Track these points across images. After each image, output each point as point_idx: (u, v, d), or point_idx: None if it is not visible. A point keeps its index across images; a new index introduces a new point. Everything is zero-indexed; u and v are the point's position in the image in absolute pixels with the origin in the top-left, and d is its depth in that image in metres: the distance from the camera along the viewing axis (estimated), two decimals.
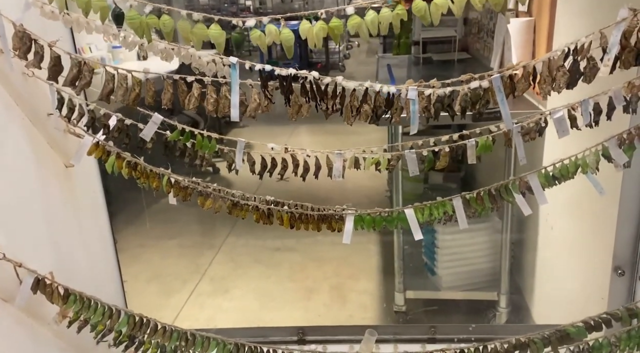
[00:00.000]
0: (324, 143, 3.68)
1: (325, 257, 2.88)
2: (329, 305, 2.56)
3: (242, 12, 4.86)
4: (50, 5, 0.92)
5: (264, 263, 2.91)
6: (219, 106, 1.04)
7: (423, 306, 2.43)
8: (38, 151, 1.18)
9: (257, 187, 2.00)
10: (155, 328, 1.06)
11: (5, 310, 1.04)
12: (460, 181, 3.05)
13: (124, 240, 2.65)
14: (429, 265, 2.44)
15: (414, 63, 3.24)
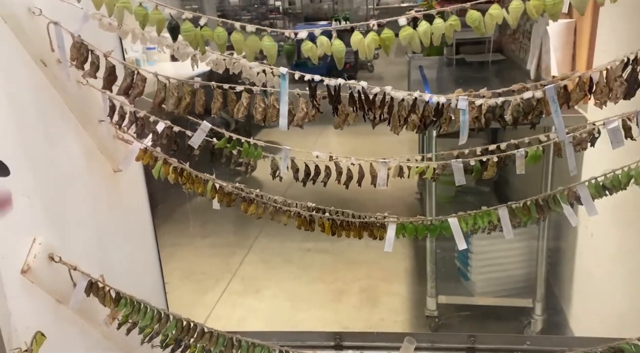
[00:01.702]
0: (352, 144, 3.67)
1: (356, 259, 2.88)
2: (360, 308, 2.56)
3: (270, 13, 4.89)
4: (109, 18, 0.95)
5: (294, 264, 2.93)
6: (267, 115, 1.05)
7: (455, 311, 2.40)
8: (89, 156, 1.22)
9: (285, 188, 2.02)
10: (202, 333, 1.08)
11: (59, 311, 1.08)
12: (493, 184, 3.00)
13: (158, 238, 2.72)
14: (462, 270, 2.41)
15: (446, 64, 3.20)
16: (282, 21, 4.89)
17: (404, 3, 5.39)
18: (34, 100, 1.05)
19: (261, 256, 3.02)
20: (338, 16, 4.57)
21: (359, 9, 4.98)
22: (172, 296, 1.72)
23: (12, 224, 0.95)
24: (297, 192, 1.32)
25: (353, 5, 4.99)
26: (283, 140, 1.37)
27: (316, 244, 3.06)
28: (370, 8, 5.21)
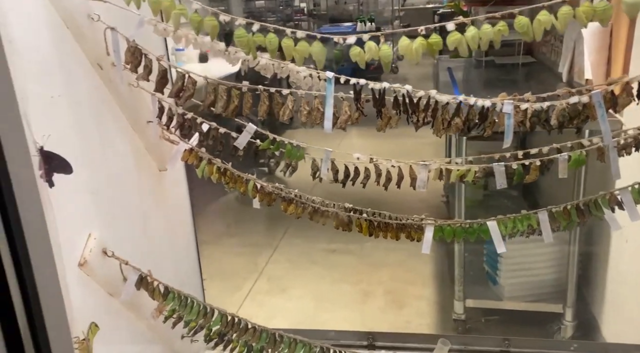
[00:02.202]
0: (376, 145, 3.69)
1: (381, 261, 2.90)
2: (385, 310, 2.58)
3: (295, 14, 4.95)
4: (163, 24, 1.00)
5: (319, 264, 2.97)
6: (311, 118, 1.09)
7: (483, 315, 2.41)
8: (137, 156, 1.27)
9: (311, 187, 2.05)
10: (246, 328, 1.12)
11: (110, 303, 1.13)
12: (522, 188, 2.99)
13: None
14: (491, 274, 2.41)
15: (475, 66, 3.20)
16: (307, 23, 4.95)
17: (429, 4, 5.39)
18: (90, 101, 1.11)
19: (286, 256, 3.07)
20: (363, 17, 4.60)
21: (384, 10, 5.00)
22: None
23: (70, 219, 1.01)
24: (321, 192, 1.34)
25: (378, 6, 5.02)
26: (307, 141, 1.39)
27: (341, 245, 3.09)
28: (396, 9, 5.22)
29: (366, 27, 4.54)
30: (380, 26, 4.82)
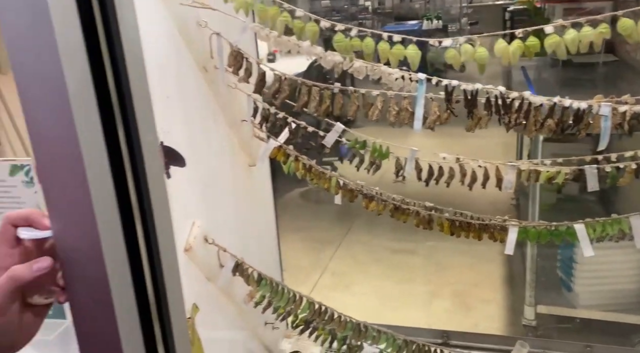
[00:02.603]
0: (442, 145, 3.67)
1: (447, 263, 2.90)
2: (452, 311, 2.58)
3: (360, 13, 4.99)
4: (266, 29, 1.09)
5: (383, 263, 3.00)
6: (400, 118, 1.14)
7: (555, 322, 2.35)
8: (232, 152, 1.38)
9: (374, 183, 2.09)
10: (332, 317, 1.19)
11: (207, 287, 1.24)
12: (599, 193, 2.88)
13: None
14: (565, 280, 2.35)
15: (550, 65, 3.11)
16: (372, 21, 4.98)
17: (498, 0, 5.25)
18: (195, 101, 1.22)
19: (350, 253, 3.13)
20: (430, 15, 4.56)
21: (451, 8, 4.93)
22: None
23: (179, 208, 1.12)
24: (385, 189, 1.38)
25: (445, 3, 4.95)
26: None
27: (405, 245, 3.11)
28: (464, 6, 5.13)
29: (432, 24, 4.50)
30: (447, 24, 4.77)
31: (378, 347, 1.14)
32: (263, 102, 1.28)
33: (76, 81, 0.42)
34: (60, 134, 0.42)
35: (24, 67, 0.42)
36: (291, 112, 1.26)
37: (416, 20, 4.71)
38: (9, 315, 0.50)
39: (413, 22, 4.71)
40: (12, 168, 1.08)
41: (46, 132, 0.43)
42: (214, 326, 1.30)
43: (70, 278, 0.47)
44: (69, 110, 0.41)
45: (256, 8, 1.02)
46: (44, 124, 0.43)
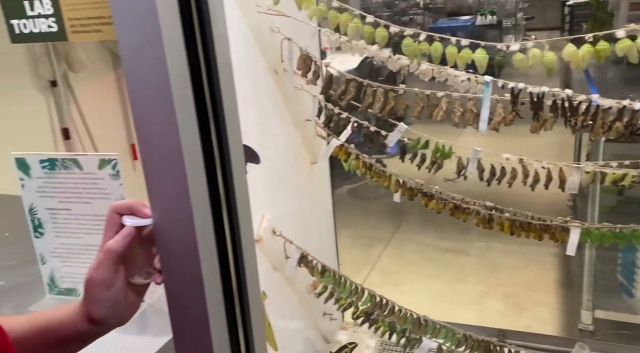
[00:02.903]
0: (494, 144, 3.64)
1: (499, 264, 2.89)
2: (504, 313, 2.57)
3: (411, 8, 4.98)
4: (336, 34, 1.16)
5: (433, 262, 3.03)
6: (464, 119, 1.18)
7: (613, 328, 2.31)
8: (295, 150, 1.46)
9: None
10: (393, 310, 1.25)
11: (273, 277, 1.33)
12: None
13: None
14: (626, 285, 2.30)
15: (614, 62, 3.01)
16: (423, 17, 4.96)
17: None
18: (266, 102, 1.31)
19: (399, 251, 3.17)
20: (484, 10, 4.50)
21: (506, 2, 4.83)
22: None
23: (252, 202, 1.21)
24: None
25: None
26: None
27: (455, 245, 3.12)
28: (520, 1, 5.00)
29: (486, 20, 4.43)
30: (502, 19, 4.67)
31: (437, 340, 1.19)
32: (327, 103, 1.36)
33: (179, 85, 0.45)
34: (164, 133, 0.45)
35: (134, 71, 0.45)
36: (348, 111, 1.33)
37: (469, 15, 4.65)
38: (115, 289, 0.57)
39: (466, 17, 4.66)
40: (101, 162, 1.19)
41: (151, 130, 0.46)
42: (278, 313, 1.39)
43: (166, 261, 0.51)
44: (173, 112, 0.45)
45: (329, 15, 1.09)
46: (150, 123, 0.46)
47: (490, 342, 1.21)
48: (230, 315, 0.54)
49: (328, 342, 1.60)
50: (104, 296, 0.57)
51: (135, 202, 0.57)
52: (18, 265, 1.29)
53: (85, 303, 0.59)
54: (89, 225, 1.19)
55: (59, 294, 1.24)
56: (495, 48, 1.04)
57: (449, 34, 1.05)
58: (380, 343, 1.65)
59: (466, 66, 1.09)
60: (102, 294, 0.57)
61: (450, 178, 1.44)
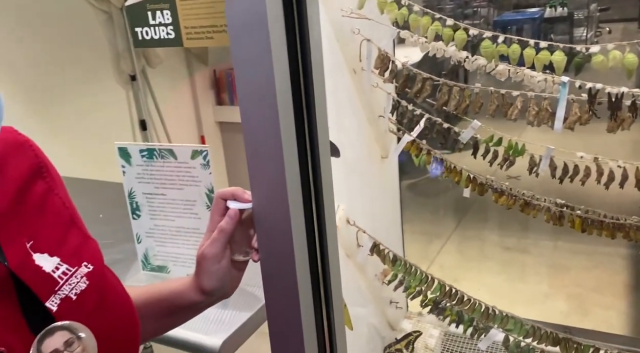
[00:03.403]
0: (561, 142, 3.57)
1: (563, 264, 2.86)
2: (567, 315, 2.56)
3: (475, 1, 4.91)
4: (415, 36, 1.24)
5: (493, 260, 3.04)
6: (539, 117, 1.23)
7: None
8: (368, 144, 1.56)
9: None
10: (462, 299, 1.33)
11: (346, 263, 1.44)
12: None
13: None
14: None
15: None
16: (487, 9, 4.87)
17: None
18: (344, 99, 1.41)
19: (459, 247, 3.20)
20: (554, 2, 4.36)
21: None
22: None
23: None
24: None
25: None
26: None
27: (516, 244, 3.11)
28: None
29: (556, 12, 4.31)
30: (573, 11, 4.52)
31: (505, 329, 1.25)
32: (401, 100, 1.44)
33: (281, 85, 0.49)
34: (267, 128, 0.50)
35: (244, 72, 0.49)
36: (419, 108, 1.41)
37: (537, 7, 4.53)
38: (223, 264, 0.65)
39: (533, 9, 4.54)
40: (193, 152, 1.32)
41: (256, 126, 0.51)
42: (348, 298, 1.50)
43: (263, 241, 0.56)
44: (276, 111, 0.49)
45: (410, 19, 1.17)
46: (255, 119, 0.51)
47: (559, 335, 1.26)
48: (315, 289, 0.59)
49: (393, 329, 1.69)
50: (214, 269, 0.65)
51: (237, 189, 0.64)
52: (115, 243, 1.47)
53: (197, 276, 0.67)
54: (180, 210, 1.32)
55: (152, 271, 1.39)
56: (574, 49, 1.08)
57: (515, 28, 1.10)
58: (444, 334, 1.72)
59: (543, 67, 1.14)
60: (212, 268, 0.65)
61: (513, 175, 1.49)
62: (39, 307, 0.53)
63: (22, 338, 0.51)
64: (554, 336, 1.26)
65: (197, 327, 1.07)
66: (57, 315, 0.54)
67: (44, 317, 0.53)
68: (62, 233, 0.60)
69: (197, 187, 1.31)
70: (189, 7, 0.99)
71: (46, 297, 0.54)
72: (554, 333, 1.26)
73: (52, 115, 2.45)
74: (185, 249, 1.33)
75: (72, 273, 0.57)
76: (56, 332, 0.53)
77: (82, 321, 0.55)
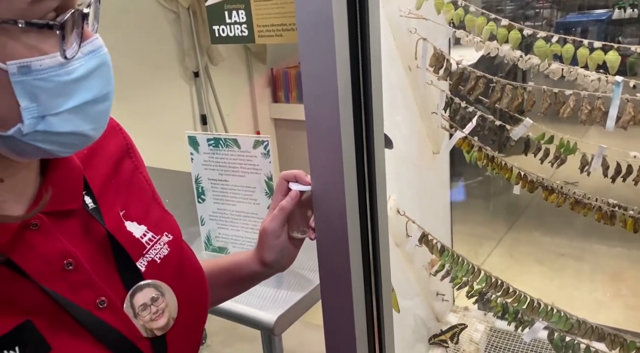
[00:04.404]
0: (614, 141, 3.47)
1: (619, 272, 2.81)
2: (623, 325, 2.51)
3: (538, 1, 4.83)
4: (472, 36, 1.31)
5: (546, 265, 3.02)
6: (591, 117, 1.28)
7: None
8: (420, 140, 1.65)
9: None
10: (507, 291, 1.39)
11: (395, 252, 1.53)
12: None
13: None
14: None
15: None
16: (550, 10, 4.78)
17: None
18: (398, 95, 1.51)
19: (510, 251, 3.20)
20: (623, 3, 4.20)
21: None
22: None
23: None
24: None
25: None
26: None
27: (571, 249, 3.07)
28: None
29: (625, 14, 4.15)
30: None
31: (550, 322, 1.30)
32: (454, 97, 1.52)
33: (342, 80, 0.53)
34: (328, 119, 0.54)
35: (310, 67, 0.54)
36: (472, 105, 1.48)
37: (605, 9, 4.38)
38: (282, 239, 0.72)
39: (601, 11, 4.40)
40: (255, 142, 1.43)
41: (319, 116, 0.55)
42: (395, 286, 1.59)
43: (320, 221, 0.61)
44: (337, 103, 0.54)
45: (466, 19, 1.25)
46: (318, 110, 0.55)
47: (606, 330, 1.29)
48: (366, 270, 0.63)
49: (439, 321, 1.76)
50: (274, 243, 0.72)
51: (300, 171, 0.70)
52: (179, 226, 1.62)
53: (258, 249, 0.75)
54: (241, 195, 1.44)
55: (213, 251, 1.52)
56: (629, 49, 1.12)
57: (580, 29, 1.14)
58: (490, 329, 1.77)
59: (597, 66, 1.18)
60: (273, 242, 0.72)
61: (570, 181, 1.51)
62: (131, 266, 0.60)
63: (117, 292, 0.58)
64: (600, 331, 1.29)
65: (254, 303, 1.18)
66: (145, 275, 0.61)
67: (134, 275, 0.60)
68: (147, 206, 0.68)
69: (257, 174, 1.41)
70: (262, 8, 1.12)
71: (136, 259, 0.61)
72: (599, 328, 1.30)
73: (125, 107, 2.69)
74: (244, 232, 1.43)
75: (156, 240, 0.64)
76: (145, 288, 0.60)
77: (164, 282, 0.62)
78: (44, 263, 0.52)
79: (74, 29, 0.48)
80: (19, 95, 0.45)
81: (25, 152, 0.49)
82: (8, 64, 0.44)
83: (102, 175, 0.63)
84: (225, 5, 1.14)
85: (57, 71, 0.47)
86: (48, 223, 0.53)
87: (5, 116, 0.46)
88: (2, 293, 0.50)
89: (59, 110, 0.48)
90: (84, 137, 0.52)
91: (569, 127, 1.37)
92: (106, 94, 0.52)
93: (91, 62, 0.50)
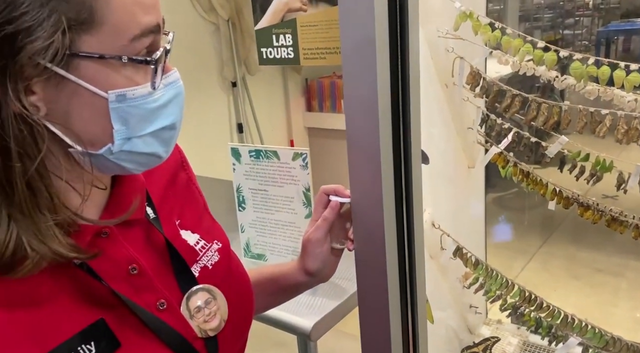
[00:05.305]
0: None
1: None
2: None
3: (578, 9, 4.79)
4: (507, 55, 1.37)
5: (582, 281, 3.00)
6: (628, 136, 1.31)
7: None
8: (455, 154, 1.71)
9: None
10: (541, 305, 1.43)
11: (429, 264, 1.60)
12: None
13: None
14: None
15: None
16: (591, 19, 4.72)
17: None
18: (435, 111, 1.57)
19: (545, 265, 3.19)
20: None
21: None
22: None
23: None
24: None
25: None
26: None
27: (609, 265, 3.04)
28: None
29: None
30: None
31: (584, 338, 1.33)
32: (490, 114, 1.57)
33: (383, 99, 0.57)
34: (368, 134, 0.57)
35: (352, 88, 0.57)
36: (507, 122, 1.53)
37: None
38: (324, 249, 0.77)
39: None
40: (294, 155, 1.50)
41: (359, 132, 0.59)
42: (429, 299, 1.65)
43: (358, 232, 0.63)
44: (377, 117, 0.57)
45: (503, 41, 1.31)
46: (358, 127, 0.59)
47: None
48: (402, 281, 0.66)
49: (471, 333, 1.81)
50: (317, 252, 0.77)
51: (339, 186, 0.76)
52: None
53: (302, 259, 0.79)
54: (280, 205, 1.52)
55: (252, 258, 1.60)
56: None
57: (623, 39, 1.17)
58: (522, 343, 1.80)
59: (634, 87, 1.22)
60: (316, 250, 0.76)
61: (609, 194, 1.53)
62: (186, 271, 0.64)
63: (174, 294, 0.62)
64: (635, 348, 1.32)
65: (291, 309, 1.23)
66: (198, 279, 0.65)
67: (190, 280, 0.64)
68: (199, 216, 0.73)
69: (295, 185, 1.48)
70: (308, 32, 1.21)
71: (191, 264, 0.66)
72: (634, 346, 1.32)
73: None
74: (282, 240, 1.49)
75: (208, 248, 0.69)
76: (199, 292, 0.64)
77: (215, 286, 0.67)
78: (113, 267, 0.58)
79: (161, 63, 0.56)
80: (114, 120, 0.53)
81: (107, 168, 0.56)
82: (109, 93, 0.52)
83: (160, 188, 0.69)
84: (274, 29, 1.23)
85: (146, 99, 0.55)
86: (116, 231, 0.59)
87: (99, 137, 0.54)
88: (79, 293, 0.55)
89: (143, 133, 0.55)
90: (157, 158, 0.60)
91: (605, 143, 1.40)
92: (179, 121, 0.60)
93: (170, 92, 0.58)
